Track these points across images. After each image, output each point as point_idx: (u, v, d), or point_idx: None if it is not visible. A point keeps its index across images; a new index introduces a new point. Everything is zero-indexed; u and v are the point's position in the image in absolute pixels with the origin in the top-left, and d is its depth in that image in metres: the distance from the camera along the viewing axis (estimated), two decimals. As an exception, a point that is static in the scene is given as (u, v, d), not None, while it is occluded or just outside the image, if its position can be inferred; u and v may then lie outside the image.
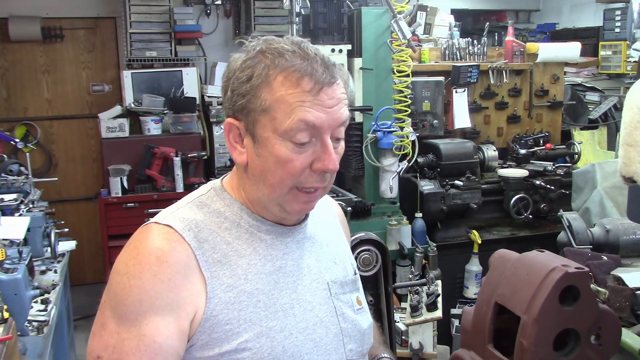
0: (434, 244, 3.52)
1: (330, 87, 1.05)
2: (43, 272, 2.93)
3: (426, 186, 3.61)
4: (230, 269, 1.07)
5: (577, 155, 4.17)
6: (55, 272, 2.98)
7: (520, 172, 3.82)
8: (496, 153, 4.02)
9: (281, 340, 1.07)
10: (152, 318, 1.00)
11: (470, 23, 6.35)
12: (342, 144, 1.12)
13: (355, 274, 1.28)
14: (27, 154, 4.73)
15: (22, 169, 3.88)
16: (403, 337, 2.78)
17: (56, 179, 4.41)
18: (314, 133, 1.05)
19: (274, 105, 1.05)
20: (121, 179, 4.46)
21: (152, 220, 1.10)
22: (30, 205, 3.25)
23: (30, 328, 2.32)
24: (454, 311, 3.41)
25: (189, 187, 4.39)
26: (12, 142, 4.65)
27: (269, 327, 1.07)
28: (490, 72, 4.22)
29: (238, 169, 1.15)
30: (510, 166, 4.03)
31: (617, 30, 5.01)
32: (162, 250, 1.03)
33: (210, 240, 1.08)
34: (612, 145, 4.39)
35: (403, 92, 3.47)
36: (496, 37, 5.13)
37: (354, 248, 2.25)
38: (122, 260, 1.05)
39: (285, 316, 1.09)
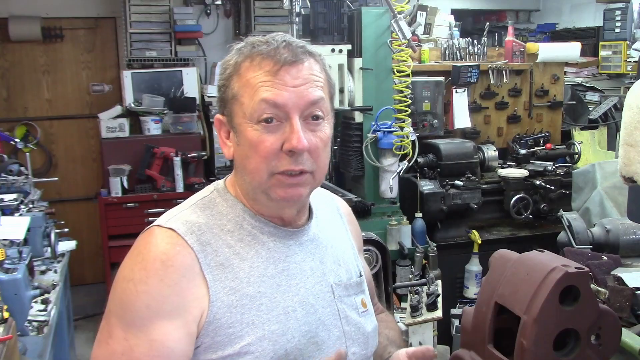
0: (434, 244, 3.51)
1: (293, 67, 1.05)
2: (43, 272, 2.93)
3: (426, 186, 3.60)
4: (233, 272, 1.07)
5: (577, 155, 4.16)
6: (55, 272, 2.98)
7: (520, 172, 3.82)
8: (496, 153, 4.02)
9: (283, 343, 1.07)
10: (160, 323, 1.00)
11: (470, 23, 6.35)
12: (325, 129, 1.09)
13: (361, 275, 1.26)
14: (27, 154, 4.74)
15: (22, 169, 3.88)
16: (403, 337, 2.78)
17: (56, 179, 4.41)
18: (281, 113, 1.05)
19: (241, 91, 1.07)
20: (121, 179, 4.46)
21: (154, 223, 1.10)
22: (30, 205, 3.24)
23: (30, 328, 2.31)
24: (454, 311, 3.40)
25: (189, 187, 4.40)
26: (12, 142, 4.64)
27: (271, 331, 1.07)
28: (490, 72, 4.21)
29: (233, 165, 1.16)
30: (510, 166, 4.02)
31: (617, 30, 5.01)
32: (167, 254, 1.03)
33: (213, 243, 1.08)
34: (612, 145, 4.38)
35: (403, 92, 3.47)
36: (496, 37, 5.12)
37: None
38: (127, 266, 1.05)
39: (287, 319, 1.09)
